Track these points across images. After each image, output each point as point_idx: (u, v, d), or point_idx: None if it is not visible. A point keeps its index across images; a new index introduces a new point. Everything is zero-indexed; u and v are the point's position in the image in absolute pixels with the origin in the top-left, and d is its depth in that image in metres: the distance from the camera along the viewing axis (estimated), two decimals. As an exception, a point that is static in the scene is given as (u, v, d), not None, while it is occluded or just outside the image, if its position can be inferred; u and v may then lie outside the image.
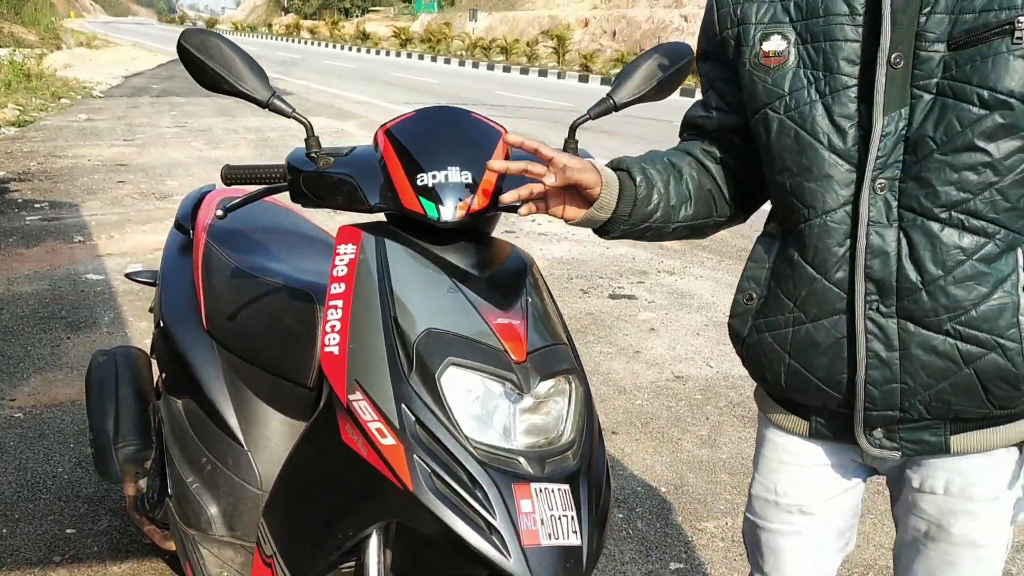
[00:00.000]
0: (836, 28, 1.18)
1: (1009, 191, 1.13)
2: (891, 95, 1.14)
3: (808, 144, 1.21)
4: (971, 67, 1.10)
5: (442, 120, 1.50)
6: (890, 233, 1.17)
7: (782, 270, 1.29)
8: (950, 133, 1.12)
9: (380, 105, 15.47)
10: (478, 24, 46.10)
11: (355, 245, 1.42)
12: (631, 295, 4.97)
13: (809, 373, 1.27)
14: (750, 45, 1.25)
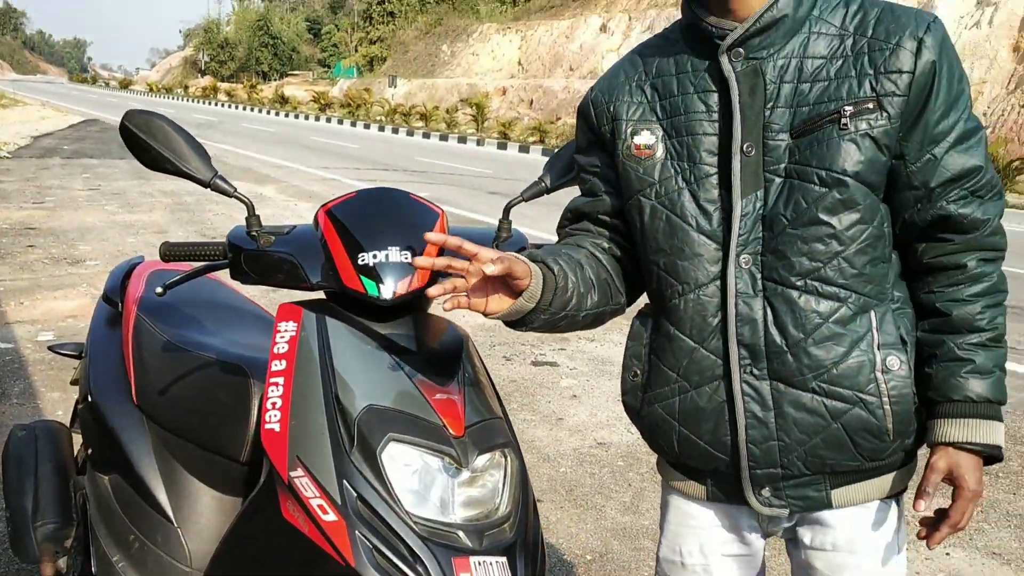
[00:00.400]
0: (696, 124, 1.33)
1: (854, 259, 1.27)
2: (747, 180, 1.29)
3: (679, 227, 1.34)
4: (810, 151, 1.26)
5: (382, 201, 1.55)
6: (756, 302, 1.30)
7: (662, 344, 1.39)
8: (798, 210, 1.26)
9: (300, 169, 15.44)
10: (397, 90, 46.58)
11: (296, 323, 1.45)
12: (553, 362, 5.05)
13: (697, 438, 1.37)
14: (623, 139, 1.39)
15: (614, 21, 40.46)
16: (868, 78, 1.24)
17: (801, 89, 1.27)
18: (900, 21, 1.26)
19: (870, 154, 1.25)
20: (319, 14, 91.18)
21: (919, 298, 1.35)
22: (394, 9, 61.59)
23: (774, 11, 1.26)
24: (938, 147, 1.26)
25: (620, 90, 1.42)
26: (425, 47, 55.11)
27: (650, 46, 1.44)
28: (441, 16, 57.60)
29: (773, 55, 1.28)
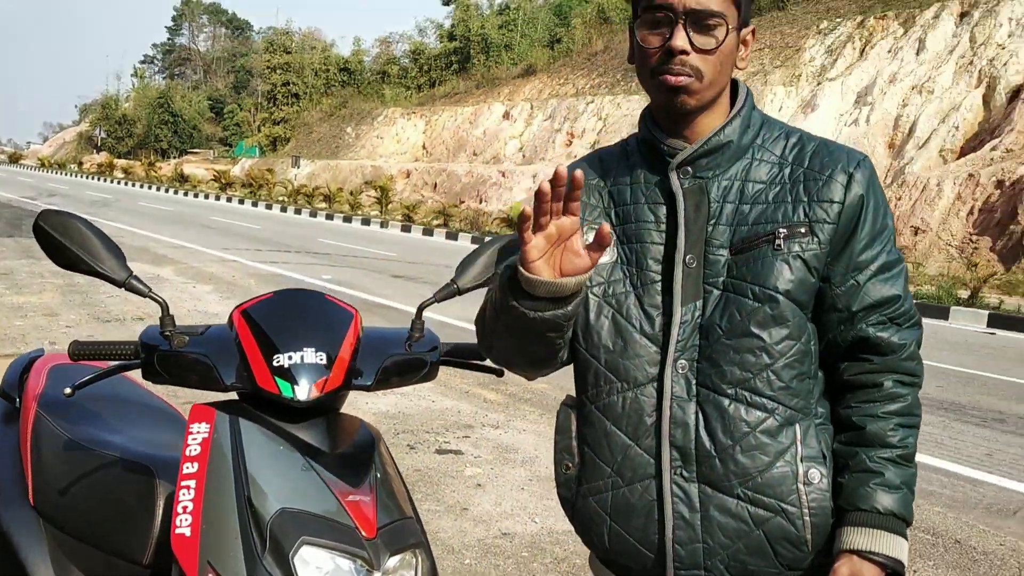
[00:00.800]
0: (645, 233, 1.41)
1: (782, 372, 1.35)
2: (687, 289, 1.37)
3: (623, 327, 1.40)
4: (746, 268, 1.35)
5: (297, 302, 1.59)
6: (690, 407, 1.36)
7: (596, 439, 1.43)
8: (733, 322, 1.35)
9: (199, 250, 15.17)
10: (300, 171, 46.43)
11: (209, 424, 1.46)
12: (457, 450, 5.06)
13: (627, 534, 1.41)
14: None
15: (516, 109, 41.54)
16: (802, 204, 1.35)
17: (742, 209, 1.37)
18: (834, 156, 1.38)
19: (800, 274, 1.35)
20: (222, 93, 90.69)
21: (838, 413, 1.42)
22: (299, 91, 61.80)
23: (720, 136, 1.38)
24: (861, 274, 1.36)
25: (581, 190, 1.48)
26: (329, 128, 55.31)
27: (610, 154, 1.53)
28: (346, 99, 58.06)
29: (718, 176, 1.39)
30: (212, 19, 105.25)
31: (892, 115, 27.55)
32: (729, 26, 1.34)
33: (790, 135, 1.43)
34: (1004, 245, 21.40)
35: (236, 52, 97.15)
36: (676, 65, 1.33)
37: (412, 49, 58.98)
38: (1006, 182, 22.15)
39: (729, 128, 1.39)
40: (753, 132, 1.41)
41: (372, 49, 67.93)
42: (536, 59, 45.67)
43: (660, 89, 1.37)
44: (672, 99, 1.36)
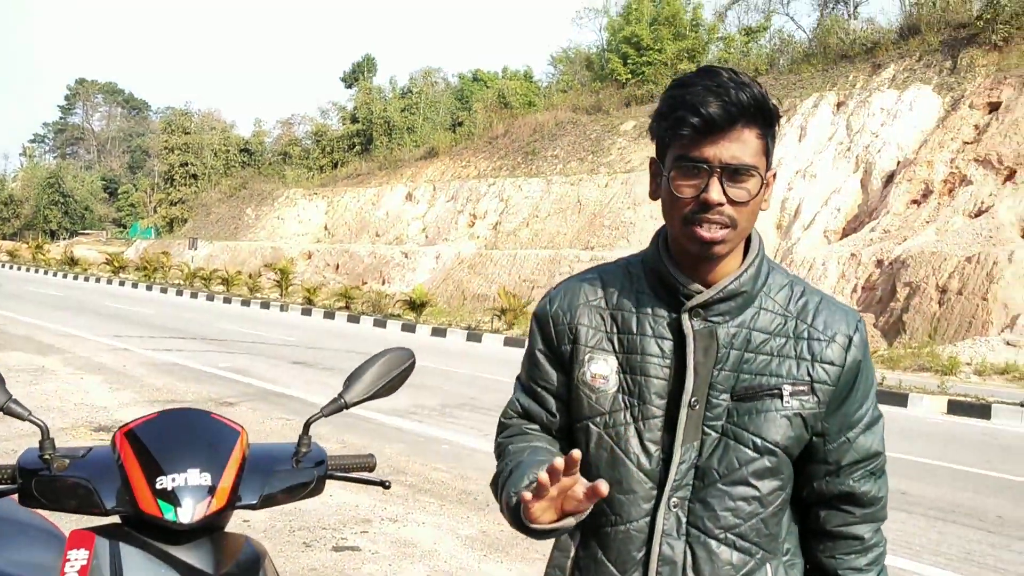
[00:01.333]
0: (649, 366, 1.43)
1: (769, 520, 1.43)
2: (688, 430, 1.41)
3: (621, 460, 1.44)
4: (748, 417, 1.41)
5: (183, 422, 1.60)
6: (679, 545, 1.41)
7: (587, 564, 1.48)
8: (730, 468, 1.40)
9: (88, 338, 14.62)
10: (198, 252, 45.53)
11: (88, 550, 1.45)
12: (355, 546, 4.98)
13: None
14: (580, 364, 1.48)
15: (419, 190, 41.94)
16: (805, 363, 1.41)
17: (747, 357, 1.41)
18: (836, 316, 1.45)
19: (798, 431, 1.41)
20: (116, 173, 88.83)
21: (820, 559, 1.51)
22: (197, 171, 61.07)
23: (736, 284, 1.42)
24: (852, 431, 1.45)
25: (581, 311, 1.50)
26: (229, 209, 54.64)
27: (611, 274, 1.53)
28: (246, 180, 57.60)
29: (727, 322, 1.42)
30: (108, 98, 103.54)
31: (779, 198, 28.90)
32: (762, 177, 1.38)
33: (794, 285, 1.48)
34: (886, 321, 22.49)
35: (132, 132, 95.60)
36: (713, 215, 1.36)
37: (314, 131, 59.22)
38: (885, 261, 23.41)
39: (745, 276, 1.43)
40: (762, 280, 1.46)
41: (273, 130, 67.97)
42: (438, 142, 46.40)
43: (693, 241, 1.38)
44: (705, 251, 1.38)
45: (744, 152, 1.35)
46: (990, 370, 18.06)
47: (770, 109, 1.38)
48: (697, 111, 1.33)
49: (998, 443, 10.30)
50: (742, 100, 1.33)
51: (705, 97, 1.33)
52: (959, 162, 25.27)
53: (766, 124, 1.38)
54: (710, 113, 1.32)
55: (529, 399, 1.58)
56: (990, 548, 5.62)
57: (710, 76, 1.36)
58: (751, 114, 1.35)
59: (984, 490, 7.40)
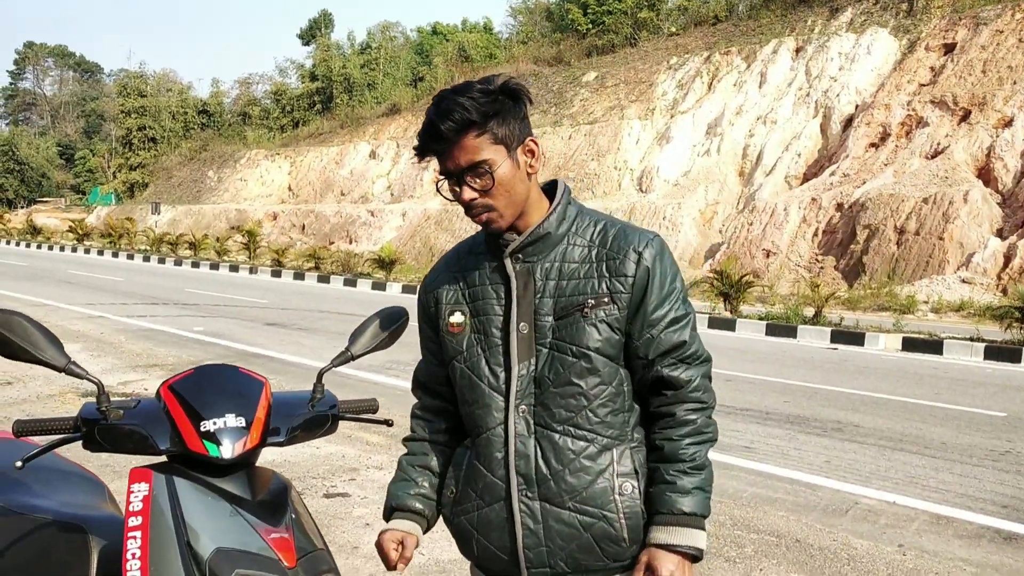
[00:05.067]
0: (489, 307, 1.81)
1: (597, 410, 1.76)
2: (522, 350, 1.76)
3: (476, 384, 1.80)
4: (566, 331, 1.75)
5: (215, 376, 1.88)
6: (530, 442, 1.75)
7: (469, 471, 1.84)
8: (557, 373, 1.74)
9: (61, 307, 14.72)
10: (161, 217, 45.17)
11: (147, 483, 1.74)
12: (345, 493, 5.30)
13: (489, 544, 1.81)
14: (442, 318, 1.87)
15: (383, 148, 41.79)
16: (604, 280, 1.74)
17: (561, 284, 1.75)
18: (628, 238, 1.76)
19: (606, 334, 1.73)
20: (72, 139, 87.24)
21: (648, 438, 1.80)
22: (156, 135, 60.16)
23: (540, 229, 1.77)
24: (655, 329, 1.75)
25: (441, 281, 1.89)
26: (190, 173, 54.08)
27: (463, 247, 1.92)
28: (206, 142, 56.93)
29: (541, 259, 1.77)
30: (59, 62, 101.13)
31: (741, 145, 29.28)
32: (499, 163, 1.71)
33: (598, 222, 1.81)
34: (846, 264, 23.08)
35: (86, 96, 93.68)
36: (474, 211, 1.74)
37: (273, 90, 58.52)
38: (845, 204, 23.92)
39: (547, 223, 1.78)
40: (568, 223, 1.80)
41: (231, 91, 66.99)
42: (400, 98, 46.12)
43: (481, 224, 1.78)
44: (491, 229, 1.77)
45: (472, 153, 1.70)
46: (946, 308, 18.71)
47: (475, 118, 1.69)
48: (424, 140, 1.74)
49: (949, 376, 10.83)
50: (446, 128, 1.69)
51: (426, 128, 1.73)
52: (916, 104, 25.74)
53: (479, 126, 1.70)
54: (430, 144, 1.73)
55: (423, 367, 1.98)
56: (932, 472, 6.07)
57: (434, 103, 1.73)
58: (456, 131, 1.69)
59: (931, 420, 7.87)
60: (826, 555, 4.42)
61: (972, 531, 4.87)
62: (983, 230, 21.12)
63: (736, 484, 5.63)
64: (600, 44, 38.94)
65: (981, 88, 24.44)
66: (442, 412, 1.97)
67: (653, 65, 35.13)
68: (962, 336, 13.47)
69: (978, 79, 24.81)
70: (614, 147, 31.82)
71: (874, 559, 4.39)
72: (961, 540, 4.73)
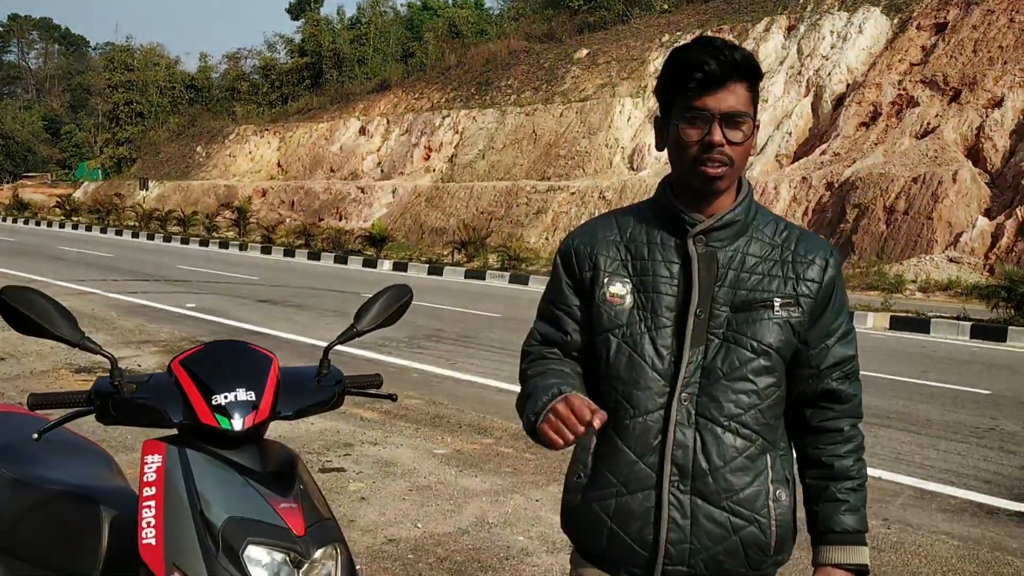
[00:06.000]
0: (660, 284, 1.70)
1: (766, 411, 1.69)
2: (695, 336, 1.67)
3: (637, 363, 1.69)
4: (746, 325, 1.67)
5: (226, 351, 1.93)
6: (689, 432, 1.65)
7: (608, 454, 1.71)
8: (732, 367, 1.66)
9: (51, 283, 14.66)
10: (149, 193, 44.92)
11: (160, 455, 1.79)
12: (340, 467, 5.36)
13: (624, 534, 1.69)
14: (600, 286, 1.74)
15: (373, 124, 41.59)
16: (791, 281, 1.68)
17: (742, 276, 1.68)
18: (814, 244, 1.73)
19: (787, 336, 1.67)
20: (58, 113, 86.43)
21: (807, 452, 1.76)
22: (143, 109, 59.61)
23: (732, 215, 1.70)
24: (830, 339, 1.71)
25: (600, 244, 1.76)
26: (178, 148, 53.71)
27: (624, 215, 1.81)
28: (194, 117, 56.49)
29: (725, 246, 1.70)
30: (43, 35, 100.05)
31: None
32: (752, 121, 1.66)
33: (777, 222, 1.76)
34: (836, 243, 23.17)
35: (72, 70, 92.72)
36: (716, 156, 1.63)
37: (262, 65, 58.03)
38: (835, 184, 24.01)
39: (739, 209, 1.71)
40: (752, 214, 1.74)
41: (220, 65, 66.44)
42: (390, 73, 45.83)
43: (699, 178, 1.66)
44: (709, 185, 1.66)
45: (738, 102, 1.64)
46: (934, 286, 18.87)
47: (757, 67, 1.67)
48: (700, 68, 1.62)
49: (935, 355, 10.96)
50: (735, 58, 1.62)
51: (705, 57, 1.62)
52: (906, 83, 25.77)
53: (753, 80, 1.67)
54: (711, 69, 1.61)
55: (547, 325, 1.83)
56: (918, 448, 6.19)
57: (706, 42, 1.65)
58: (742, 71, 1.64)
59: (917, 397, 7.99)
60: (813, 529, 4.51)
61: (956, 505, 4.98)
62: (971, 210, 21.24)
63: (725, 460, 5.71)
64: (592, 21, 38.77)
65: (972, 68, 24.49)
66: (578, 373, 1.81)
67: (645, 42, 35.02)
68: (949, 315, 13.61)
69: (969, 59, 24.86)
70: (605, 124, 31.77)
71: (860, 532, 4.48)
72: (944, 514, 4.84)
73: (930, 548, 4.31)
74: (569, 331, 1.80)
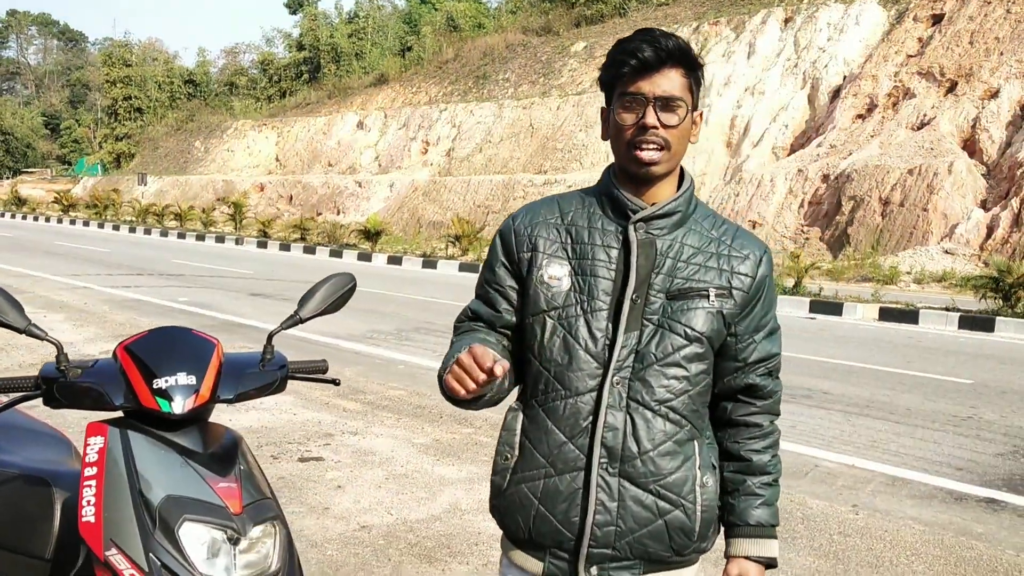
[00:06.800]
0: (598, 269, 1.73)
1: (696, 398, 1.72)
2: (630, 321, 1.70)
3: (571, 344, 1.71)
4: (680, 312, 1.70)
5: (169, 337, 1.99)
6: (620, 415, 1.68)
7: (537, 435, 1.73)
8: (665, 352, 1.69)
9: (46, 278, 14.74)
10: (148, 187, 44.92)
11: (103, 436, 1.85)
12: (319, 457, 5.43)
13: (551, 516, 1.71)
14: (539, 267, 1.76)
15: (370, 118, 41.61)
16: (726, 274, 1.72)
17: (679, 265, 1.72)
18: (749, 241, 1.77)
19: (719, 325, 1.71)
20: (57, 109, 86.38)
21: (725, 444, 1.79)
22: (142, 105, 59.69)
23: (674, 204, 1.74)
24: (758, 334, 1.75)
25: (540, 226, 1.79)
26: (177, 143, 53.76)
27: (567, 198, 1.84)
28: (193, 112, 56.53)
29: (664, 235, 1.73)
30: (42, 30, 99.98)
31: (728, 116, 29.27)
32: (687, 111, 1.70)
33: (715, 217, 1.81)
34: (831, 235, 23.23)
35: (71, 65, 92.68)
36: (650, 138, 1.67)
37: (260, 60, 58.09)
38: (831, 176, 24.02)
39: (680, 199, 1.75)
40: (692, 206, 1.78)
41: (218, 60, 66.50)
42: (388, 68, 45.82)
43: (635, 161, 1.70)
44: (645, 169, 1.70)
45: (672, 87, 1.69)
46: (928, 278, 18.91)
47: (692, 55, 1.71)
48: (634, 55, 1.68)
49: (922, 345, 11.01)
50: (669, 46, 1.68)
51: (640, 44, 1.69)
52: (903, 75, 25.77)
53: (689, 67, 1.71)
54: (644, 56, 1.68)
55: (480, 302, 1.86)
56: (894, 436, 6.24)
57: (645, 32, 1.72)
58: (676, 57, 1.69)
59: (899, 387, 8.04)
60: (781, 515, 4.56)
61: (925, 492, 5.04)
62: (967, 201, 21.28)
63: (702, 448, 5.77)
64: (589, 14, 38.73)
65: (968, 59, 24.49)
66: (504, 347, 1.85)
67: (641, 35, 34.95)
68: (939, 306, 13.65)
69: (965, 50, 24.85)
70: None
71: (827, 518, 4.55)
72: (913, 500, 4.90)
73: (896, 533, 4.37)
74: (500, 310, 1.83)
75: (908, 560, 4.07)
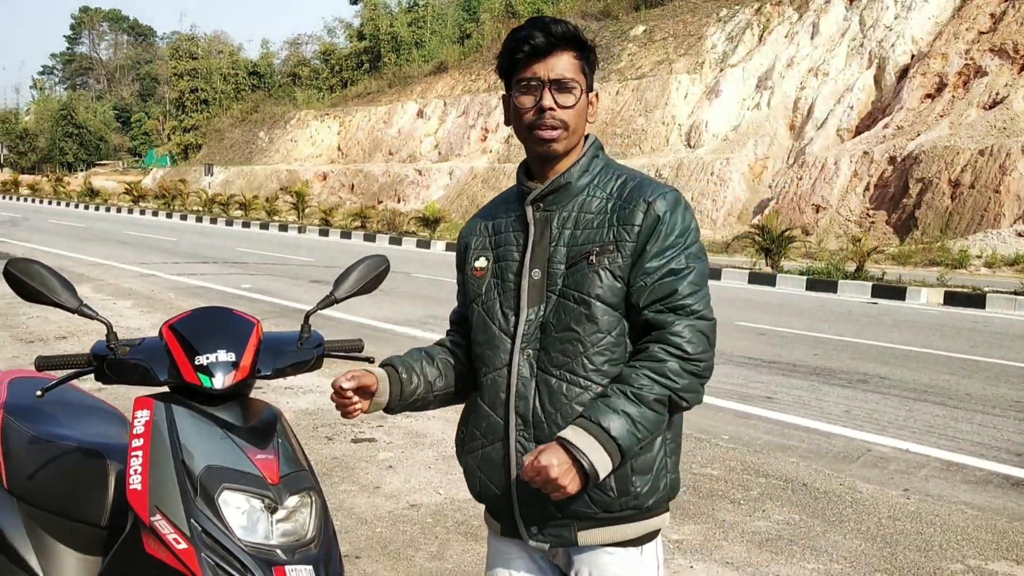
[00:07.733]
0: (509, 253, 1.87)
1: (593, 358, 1.77)
2: (532, 296, 1.81)
3: (488, 325, 1.86)
4: (573, 279, 1.77)
5: (211, 316, 2.09)
6: (530, 384, 1.79)
7: (475, 410, 1.89)
8: (559, 319, 1.78)
9: (115, 266, 15.23)
10: (214, 178, 45.84)
11: (149, 410, 1.95)
12: (372, 438, 5.55)
13: (490, 482, 1.85)
14: (469, 262, 1.95)
15: (430, 107, 41.88)
16: (613, 229, 1.76)
17: (575, 234, 1.79)
18: (642, 189, 1.78)
19: (609, 282, 1.74)
20: (128, 102, 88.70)
21: None
22: (208, 97, 61.00)
23: (561, 179, 1.82)
24: (649, 277, 1.73)
25: (474, 228, 1.98)
26: (242, 134, 54.80)
27: (495, 200, 2.00)
28: (257, 103, 57.52)
29: (560, 209, 1.82)
30: (113, 26, 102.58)
31: (791, 98, 28.76)
32: (582, 91, 1.80)
33: (620, 176, 1.83)
34: (898, 218, 22.71)
35: (140, 59, 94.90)
36: (548, 119, 1.78)
37: (322, 50, 58.74)
38: (898, 158, 23.47)
39: (568, 173, 1.82)
40: (591, 175, 1.84)
41: (281, 51, 67.39)
42: (447, 56, 45.97)
43: (536, 142, 1.81)
44: (545, 148, 1.80)
45: (566, 69, 1.79)
46: (1000, 262, 18.39)
47: (582, 38, 1.82)
48: (527, 41, 1.79)
49: (988, 330, 10.74)
50: (559, 31, 1.79)
51: (532, 32, 1.80)
52: (974, 53, 25.01)
53: (580, 50, 1.81)
54: (536, 41, 1.78)
55: (457, 307, 2.07)
56: (952, 422, 6.13)
57: (536, 20, 1.82)
58: (567, 40, 1.79)
59: (961, 372, 7.88)
60: (830, 498, 4.55)
61: (981, 477, 4.96)
62: (1040, 182, 20.60)
63: (752, 432, 5.76)
64: (648, -3, 38.33)
65: (1041, 35, 23.65)
66: (462, 347, 2.00)
67: (702, 17, 34.56)
68: (1006, 290, 13.29)
69: (1039, 26, 24.01)
70: (662, 102, 31.51)
71: (877, 502, 4.51)
72: (968, 485, 4.82)
73: (947, 518, 4.32)
74: (462, 302, 2.04)
75: (958, 544, 4.02)
